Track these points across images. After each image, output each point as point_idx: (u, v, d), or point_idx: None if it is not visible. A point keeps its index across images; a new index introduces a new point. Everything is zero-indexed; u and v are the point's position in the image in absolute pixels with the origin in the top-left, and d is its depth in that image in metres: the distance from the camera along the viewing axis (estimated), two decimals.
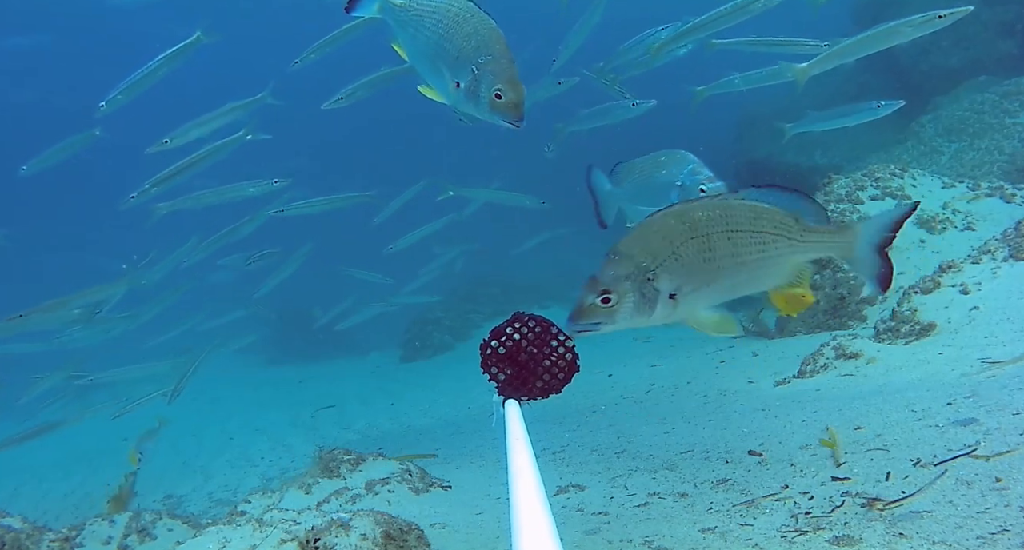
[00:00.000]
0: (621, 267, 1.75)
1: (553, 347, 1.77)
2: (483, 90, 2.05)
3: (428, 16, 2.14)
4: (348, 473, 3.38)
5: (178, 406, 7.75)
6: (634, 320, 1.76)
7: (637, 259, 1.77)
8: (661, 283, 1.76)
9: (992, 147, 8.18)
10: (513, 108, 2.05)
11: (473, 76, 2.06)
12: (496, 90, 2.04)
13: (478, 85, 2.06)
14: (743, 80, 5.19)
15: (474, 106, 2.11)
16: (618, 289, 1.74)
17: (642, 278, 1.75)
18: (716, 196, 1.84)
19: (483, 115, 2.12)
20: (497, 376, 1.74)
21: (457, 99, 2.14)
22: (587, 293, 1.77)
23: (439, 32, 2.12)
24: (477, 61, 2.05)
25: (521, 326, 1.77)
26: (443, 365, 10.84)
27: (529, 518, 0.97)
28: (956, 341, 3.56)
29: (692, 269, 1.78)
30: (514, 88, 2.04)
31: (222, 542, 1.90)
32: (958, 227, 5.58)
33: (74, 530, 3.24)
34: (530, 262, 14.29)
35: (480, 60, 2.05)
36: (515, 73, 2.06)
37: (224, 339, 7.15)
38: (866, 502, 2.06)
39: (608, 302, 1.75)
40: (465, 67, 2.07)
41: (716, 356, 5.74)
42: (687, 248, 1.77)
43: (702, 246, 1.77)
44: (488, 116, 2.10)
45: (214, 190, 6.08)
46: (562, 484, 2.99)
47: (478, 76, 2.05)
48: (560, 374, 1.76)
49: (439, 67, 2.15)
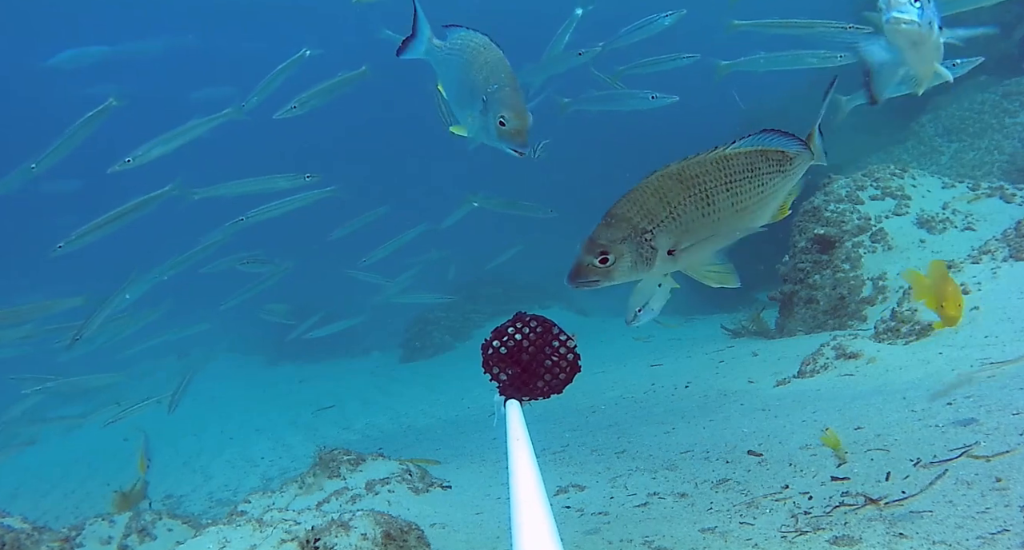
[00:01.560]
0: (616, 230, 1.77)
1: (555, 347, 1.77)
2: (490, 118, 2.11)
3: (456, 53, 2.23)
4: (348, 473, 3.38)
5: (179, 406, 7.74)
6: (631, 276, 1.81)
7: (634, 221, 1.79)
8: (659, 242, 1.79)
9: (992, 147, 8.18)
10: (515, 135, 2.09)
11: (483, 105, 2.12)
12: (500, 118, 2.09)
13: (487, 113, 2.12)
14: (768, 61, 5.17)
15: (485, 134, 2.17)
16: (615, 250, 1.76)
17: (639, 239, 1.77)
18: (710, 152, 1.86)
19: (493, 142, 2.18)
20: (499, 376, 1.74)
21: (473, 129, 2.22)
22: (585, 253, 1.78)
23: (462, 66, 2.20)
24: (487, 91, 2.11)
25: (523, 326, 1.77)
26: (443, 365, 10.84)
27: (529, 518, 0.97)
28: (956, 341, 3.56)
29: (691, 225, 1.80)
30: (517, 115, 2.09)
31: (222, 542, 1.90)
32: (958, 227, 5.58)
33: (74, 530, 3.24)
34: (530, 262, 14.30)
35: (489, 89, 2.11)
36: (519, 100, 2.10)
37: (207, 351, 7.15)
38: (866, 501, 2.07)
39: (605, 263, 1.77)
40: (478, 97, 2.14)
41: (716, 356, 5.74)
42: (685, 207, 1.79)
43: (701, 202, 1.80)
44: (496, 143, 2.16)
45: (248, 180, 6.07)
46: (562, 484, 2.99)
47: (487, 105, 2.12)
48: (562, 374, 1.76)
49: (464, 101, 2.23)
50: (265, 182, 6.08)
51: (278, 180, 6.07)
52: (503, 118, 2.08)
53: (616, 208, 1.81)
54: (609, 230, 1.78)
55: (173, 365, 12.94)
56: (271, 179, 6.07)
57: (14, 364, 7.72)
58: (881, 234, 5.70)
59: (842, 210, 5.94)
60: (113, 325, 7.18)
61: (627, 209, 1.80)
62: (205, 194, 5.81)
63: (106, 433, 7.41)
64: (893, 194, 5.96)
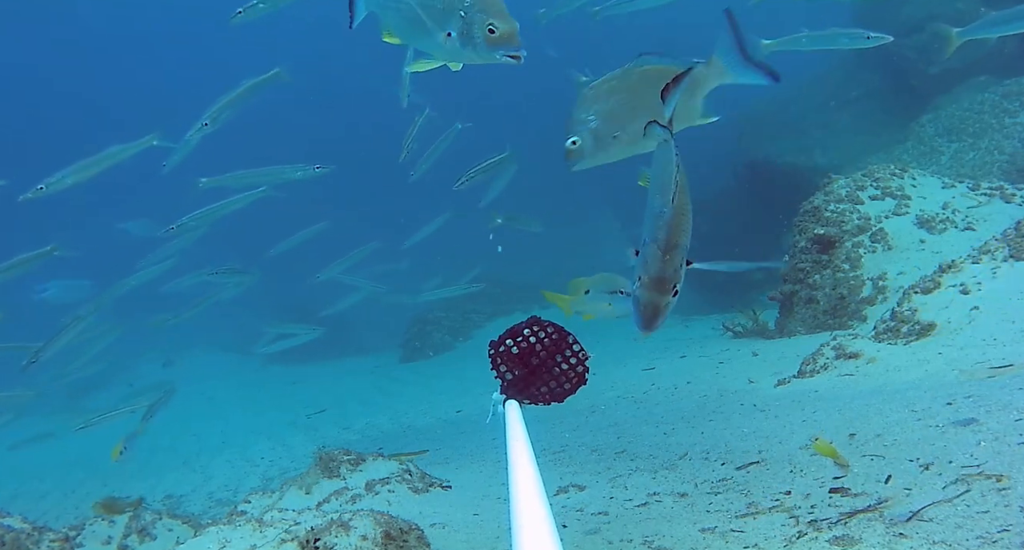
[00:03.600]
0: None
1: (566, 356, 1.77)
2: (476, 30, 2.02)
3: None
4: (348, 473, 3.38)
5: (178, 406, 7.75)
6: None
7: (683, 244, 1.86)
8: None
9: (992, 147, 8.18)
10: (509, 39, 2.02)
11: (463, 21, 2.04)
12: (489, 25, 2.01)
13: (470, 27, 2.03)
14: (810, 40, 5.15)
15: (471, 50, 2.08)
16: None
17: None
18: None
19: (482, 57, 2.09)
20: (505, 375, 1.74)
21: (451, 50, 2.11)
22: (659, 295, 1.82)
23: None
24: (463, 6, 2.03)
25: (539, 330, 1.78)
26: (443, 365, 10.84)
27: (529, 518, 0.97)
28: (956, 341, 3.56)
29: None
30: (506, 21, 2.02)
31: (222, 542, 1.90)
32: (958, 227, 5.57)
33: (74, 530, 3.24)
34: (530, 262, 14.30)
35: (465, 3, 2.03)
36: (503, 6, 2.04)
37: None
38: (868, 507, 2.06)
39: (676, 293, 1.83)
40: (453, 15, 2.05)
41: (716, 356, 5.74)
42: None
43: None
44: (487, 56, 2.07)
45: (255, 171, 5.96)
46: (562, 484, 2.99)
47: (467, 19, 2.03)
48: (567, 384, 1.76)
49: (427, 27, 2.13)
50: (273, 173, 5.96)
51: (287, 171, 5.94)
52: (492, 25, 2.01)
53: (673, 237, 1.82)
54: (672, 263, 1.81)
55: (157, 372, 12.97)
56: (280, 170, 5.94)
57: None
58: (881, 234, 5.70)
59: (842, 210, 5.93)
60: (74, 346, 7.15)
61: (681, 236, 1.85)
62: (210, 184, 5.73)
63: (106, 433, 7.41)
64: (893, 194, 5.95)
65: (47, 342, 6.01)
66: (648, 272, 1.79)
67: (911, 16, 9.50)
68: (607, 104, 2.36)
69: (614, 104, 2.35)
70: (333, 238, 9.35)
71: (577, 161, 2.38)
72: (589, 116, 2.36)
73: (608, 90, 2.36)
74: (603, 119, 2.35)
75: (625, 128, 2.34)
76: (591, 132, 2.35)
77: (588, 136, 2.35)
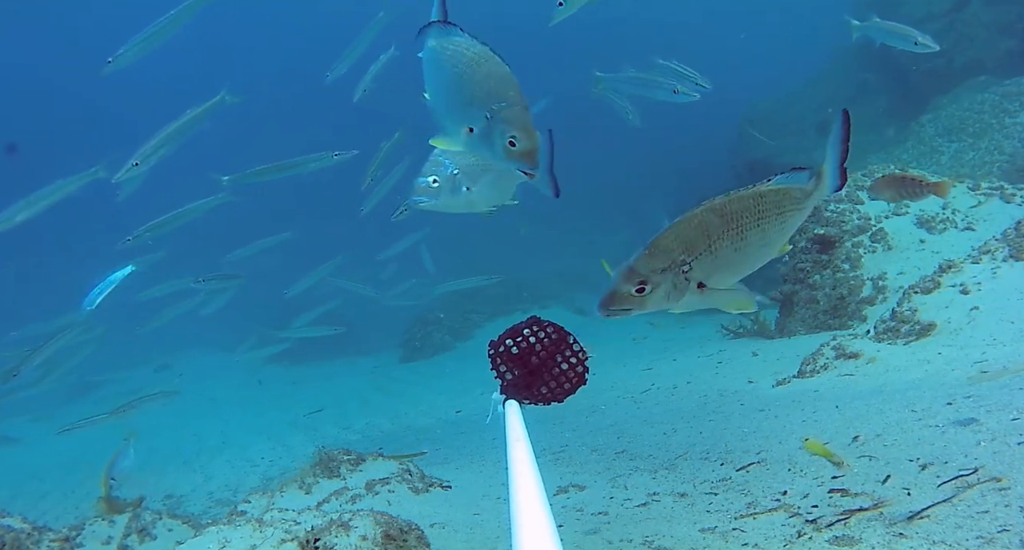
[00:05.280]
0: (658, 261, 1.84)
1: (566, 356, 1.77)
2: (497, 137, 2.01)
3: (447, 60, 2.10)
4: (348, 473, 3.38)
5: (178, 406, 7.74)
6: (661, 306, 1.89)
7: (675, 254, 1.84)
8: (694, 274, 1.87)
9: (992, 147, 8.18)
10: (527, 156, 2.01)
11: (487, 122, 2.03)
12: (511, 138, 1.99)
13: (492, 132, 2.02)
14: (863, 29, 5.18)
15: (488, 152, 2.08)
16: (653, 280, 1.82)
17: (677, 270, 1.85)
18: (748, 188, 1.99)
19: (496, 162, 2.10)
20: (504, 375, 1.74)
21: (470, 145, 2.11)
22: (623, 282, 1.82)
23: (454, 76, 2.08)
24: (491, 107, 2.01)
25: (539, 330, 1.78)
26: (443, 365, 10.84)
27: (529, 518, 0.97)
28: (956, 341, 3.56)
29: (724, 260, 1.90)
30: (528, 136, 2.00)
31: (222, 542, 1.90)
32: (958, 227, 5.58)
33: (74, 530, 3.24)
34: (530, 262, 14.31)
35: (494, 106, 2.01)
36: (529, 121, 2.02)
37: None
38: (870, 506, 2.07)
39: (642, 292, 1.82)
40: (478, 113, 2.04)
41: (715, 356, 5.74)
42: (722, 242, 1.89)
43: (735, 238, 1.90)
44: (502, 163, 2.07)
45: (276, 164, 5.88)
46: (562, 484, 2.99)
47: (492, 123, 2.01)
48: (567, 384, 1.76)
49: (453, 112, 2.12)
50: (295, 165, 5.89)
51: (309, 161, 5.86)
52: (513, 138, 1.99)
53: (660, 239, 1.85)
54: (651, 260, 1.83)
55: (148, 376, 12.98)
56: (303, 161, 5.86)
57: None
58: (881, 234, 5.71)
59: (842, 210, 5.94)
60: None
61: (670, 241, 1.85)
62: (234, 180, 5.67)
63: (106, 433, 7.40)
64: None
65: (28, 354, 5.96)
66: (626, 262, 1.83)
67: (910, 15, 9.51)
68: (469, 159, 2.42)
69: (475, 163, 2.41)
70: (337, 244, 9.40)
71: (427, 200, 2.43)
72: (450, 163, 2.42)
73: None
74: (464, 171, 2.42)
75: (478, 185, 2.41)
76: (450, 178, 2.41)
77: (447, 181, 2.41)
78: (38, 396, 9.03)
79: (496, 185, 2.49)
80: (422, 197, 2.44)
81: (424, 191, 2.44)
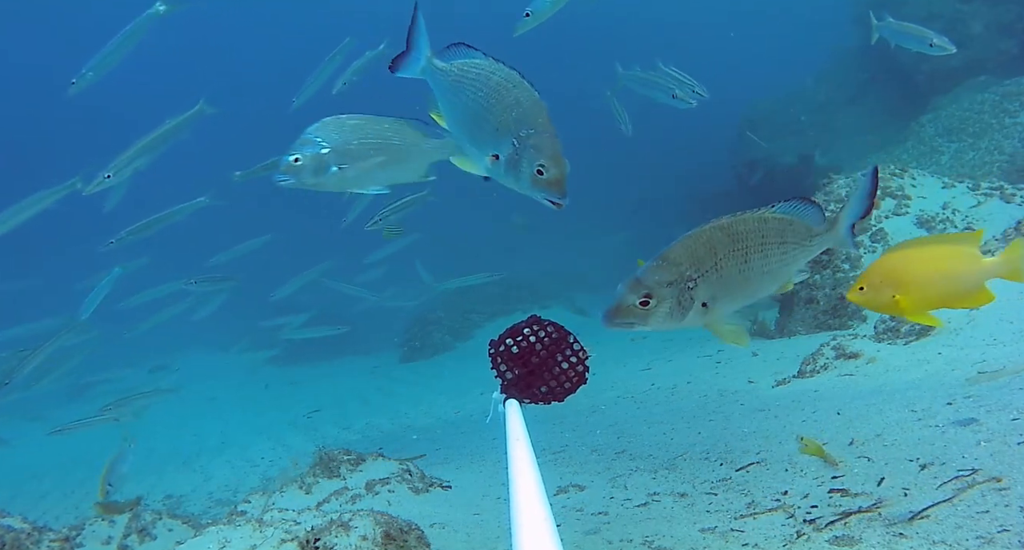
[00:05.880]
0: (666, 273, 1.82)
1: (567, 355, 1.77)
2: (524, 165, 1.94)
3: (469, 83, 2.04)
4: (348, 473, 3.38)
5: (178, 406, 7.73)
6: (665, 324, 1.85)
7: (682, 268, 1.82)
8: (699, 292, 1.85)
9: (992, 147, 8.18)
10: (556, 185, 1.93)
11: (514, 150, 1.95)
12: (539, 166, 1.92)
13: (519, 160, 1.95)
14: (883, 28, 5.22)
15: (514, 180, 2.00)
16: (659, 294, 1.80)
17: (683, 286, 1.82)
18: (754, 211, 1.98)
19: (523, 190, 2.01)
20: (504, 374, 1.74)
21: (495, 172, 2.04)
22: (628, 293, 1.80)
23: (479, 101, 2.01)
24: (518, 134, 1.95)
25: (539, 329, 1.78)
26: (443, 365, 10.84)
27: (529, 518, 0.97)
28: (956, 341, 3.56)
29: (728, 280, 1.89)
30: (557, 165, 1.93)
31: (222, 542, 1.90)
32: (958, 227, 5.57)
33: (74, 530, 3.24)
34: (529, 262, 14.30)
35: (522, 133, 1.94)
36: (559, 149, 1.95)
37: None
38: (869, 506, 2.07)
39: (646, 305, 1.79)
40: (505, 139, 1.97)
41: (715, 356, 5.74)
42: (728, 261, 1.88)
43: (740, 259, 1.89)
44: (529, 191, 1.99)
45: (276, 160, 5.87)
46: (562, 484, 2.99)
47: (519, 150, 1.94)
48: (567, 383, 1.76)
49: (477, 137, 2.06)
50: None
51: None
52: (541, 166, 1.91)
53: (669, 252, 1.84)
54: (658, 273, 1.81)
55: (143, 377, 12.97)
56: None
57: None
58: (881, 234, 5.70)
59: None
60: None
61: (680, 254, 1.83)
62: (244, 177, 5.61)
63: (106, 433, 7.41)
64: (893, 194, 5.95)
65: (20, 361, 5.94)
66: (633, 274, 1.82)
67: (911, 15, 9.50)
68: (345, 137, 2.35)
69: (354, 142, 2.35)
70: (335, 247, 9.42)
71: (288, 179, 2.36)
72: (321, 141, 2.34)
73: (353, 127, 2.36)
74: (335, 150, 2.34)
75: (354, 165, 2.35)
76: (315, 156, 2.34)
77: (311, 160, 2.34)
78: (34, 397, 9.02)
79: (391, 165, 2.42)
80: (283, 175, 2.37)
81: (287, 169, 2.37)
